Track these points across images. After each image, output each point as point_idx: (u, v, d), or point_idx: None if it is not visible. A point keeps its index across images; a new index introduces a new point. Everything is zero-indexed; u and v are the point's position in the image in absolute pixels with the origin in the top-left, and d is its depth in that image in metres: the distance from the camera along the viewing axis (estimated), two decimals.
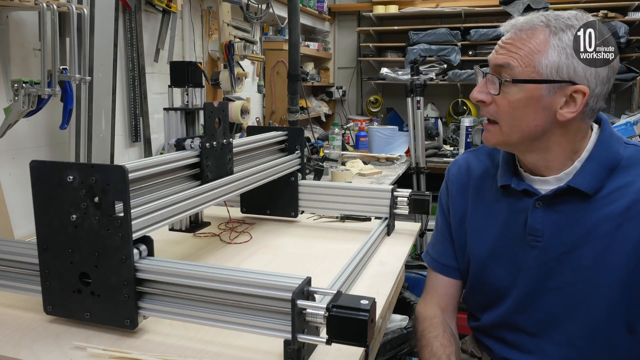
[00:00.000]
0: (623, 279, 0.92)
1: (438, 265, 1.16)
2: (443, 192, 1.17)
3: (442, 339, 1.06)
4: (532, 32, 0.90)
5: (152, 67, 2.15)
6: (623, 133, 2.53)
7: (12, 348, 0.83)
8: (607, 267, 0.93)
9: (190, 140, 1.16)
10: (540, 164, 0.99)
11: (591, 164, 0.94)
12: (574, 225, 0.96)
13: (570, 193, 0.95)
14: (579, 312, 0.96)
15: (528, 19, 0.93)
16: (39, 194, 0.86)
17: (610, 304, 0.93)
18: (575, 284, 0.96)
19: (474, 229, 1.10)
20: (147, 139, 2.11)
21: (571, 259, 0.96)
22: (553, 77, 0.89)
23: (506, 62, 0.92)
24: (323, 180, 2.41)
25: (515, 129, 0.94)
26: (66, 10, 1.43)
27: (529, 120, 0.93)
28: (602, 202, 0.93)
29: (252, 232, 1.49)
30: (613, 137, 0.97)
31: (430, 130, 3.72)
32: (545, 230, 0.98)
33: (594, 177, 0.94)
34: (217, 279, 0.81)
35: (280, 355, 0.80)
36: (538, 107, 0.91)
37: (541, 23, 0.90)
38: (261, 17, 2.82)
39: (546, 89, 0.90)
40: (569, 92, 0.89)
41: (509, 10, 3.76)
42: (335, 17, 4.64)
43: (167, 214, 0.99)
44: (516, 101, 0.92)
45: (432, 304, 1.14)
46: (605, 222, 0.93)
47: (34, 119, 1.50)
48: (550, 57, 0.88)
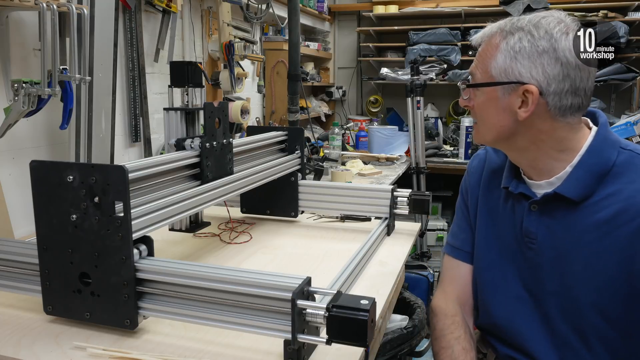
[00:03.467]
0: (612, 286, 0.92)
1: (461, 254, 1.15)
2: (464, 182, 1.20)
3: (464, 342, 1.04)
4: (490, 38, 0.96)
5: (152, 67, 2.15)
6: (623, 133, 2.52)
7: (12, 348, 0.83)
8: (596, 274, 0.93)
9: (190, 140, 1.16)
10: (524, 165, 1.01)
11: (579, 171, 0.94)
12: (565, 230, 0.96)
13: (559, 199, 0.95)
14: (574, 315, 0.96)
15: (494, 25, 0.97)
16: (39, 194, 0.86)
17: (602, 310, 0.93)
18: (567, 289, 0.96)
19: (479, 222, 1.11)
20: (147, 139, 2.11)
21: (563, 264, 0.96)
22: (502, 79, 0.93)
23: (471, 70, 0.99)
24: (323, 180, 2.41)
25: (487, 128, 1.00)
26: (66, 10, 1.43)
27: (494, 121, 0.97)
28: (591, 210, 0.93)
29: (252, 232, 1.49)
30: (607, 141, 0.95)
31: (430, 130, 3.72)
32: (538, 234, 0.99)
33: (580, 184, 0.93)
34: (217, 279, 0.81)
35: (280, 355, 0.80)
36: (499, 108, 0.95)
37: (498, 28, 0.95)
38: (261, 17, 2.82)
39: (500, 90, 0.94)
40: (520, 92, 0.92)
41: (509, 10, 3.76)
42: (335, 17, 4.64)
43: (167, 214, 0.99)
44: (480, 104, 0.98)
45: (452, 298, 1.13)
46: (593, 230, 0.93)
47: (34, 119, 1.50)
48: (498, 60, 0.93)
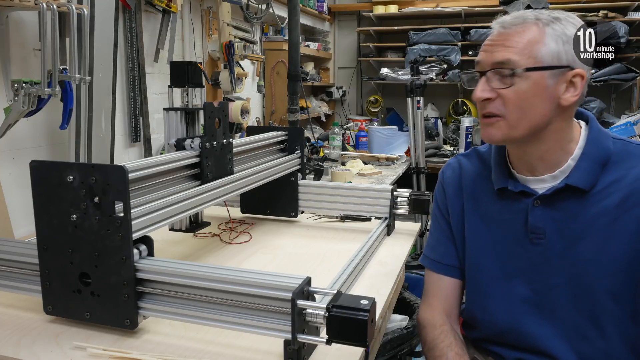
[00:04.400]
0: (624, 270, 0.94)
1: (441, 267, 1.14)
2: (439, 194, 1.17)
3: (456, 347, 1.04)
4: (525, 26, 0.94)
5: (152, 67, 2.15)
6: (623, 133, 2.53)
7: (12, 348, 0.84)
8: (608, 259, 0.95)
9: (190, 140, 1.16)
10: (535, 158, 1.00)
11: (585, 161, 0.97)
12: (573, 221, 0.98)
13: (568, 191, 0.97)
14: (586, 303, 0.97)
15: (515, 15, 0.96)
16: (39, 194, 0.86)
17: (615, 295, 0.95)
18: (578, 277, 0.97)
19: (470, 233, 1.10)
20: (147, 139, 2.11)
21: (573, 254, 0.98)
22: (555, 63, 0.92)
23: (506, 58, 0.94)
24: (323, 180, 2.41)
25: (523, 120, 0.95)
26: (66, 10, 1.43)
27: (536, 110, 0.95)
28: (598, 197, 0.96)
29: (252, 232, 1.48)
30: (602, 133, 1.00)
31: (430, 130, 3.72)
32: (546, 228, 1.00)
33: (589, 173, 0.97)
34: (217, 279, 0.81)
35: (280, 355, 0.80)
36: (545, 96, 0.94)
37: (531, 17, 0.94)
38: (261, 17, 2.82)
39: (550, 76, 0.93)
40: (569, 77, 0.93)
41: (508, 10, 3.76)
42: (335, 17, 4.64)
43: (167, 214, 0.99)
44: (524, 92, 0.94)
45: (437, 310, 1.12)
46: (602, 216, 0.95)
47: (34, 119, 1.50)
48: (549, 45, 0.92)
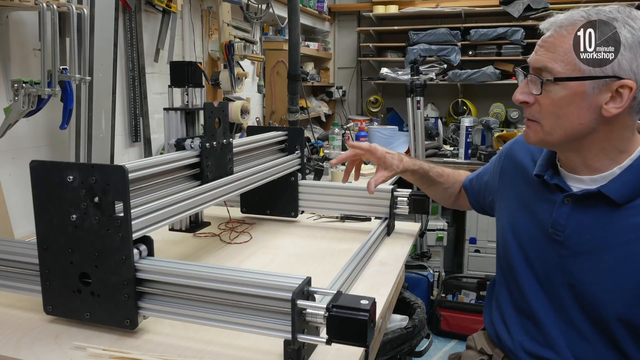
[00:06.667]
0: (635, 290, 0.91)
1: (467, 181, 1.33)
2: (500, 159, 1.21)
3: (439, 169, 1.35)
4: (573, 29, 0.87)
5: (152, 67, 2.14)
6: None
7: (12, 348, 0.84)
8: (622, 275, 0.91)
9: (190, 140, 1.16)
10: (578, 163, 0.97)
11: (630, 174, 0.91)
12: (599, 228, 0.94)
13: (601, 198, 0.93)
14: (589, 309, 0.96)
15: (568, 15, 0.89)
16: (39, 194, 0.86)
17: (619, 311, 0.92)
18: (588, 284, 0.95)
19: (506, 208, 1.13)
20: (147, 139, 2.11)
21: (589, 260, 0.95)
22: (597, 73, 0.86)
23: (544, 64, 0.90)
24: (323, 180, 2.41)
25: (558, 127, 0.92)
26: (66, 10, 1.43)
27: (573, 119, 0.90)
28: (631, 212, 0.91)
29: (252, 232, 1.48)
30: None
31: (430, 130, 3.71)
32: (567, 227, 0.97)
33: (629, 188, 0.91)
34: (217, 279, 0.81)
35: (280, 355, 0.80)
36: (583, 105, 0.88)
37: (581, 18, 0.87)
38: (261, 17, 2.82)
39: (590, 85, 0.87)
40: (614, 87, 0.86)
41: (509, 10, 3.77)
42: (335, 17, 4.63)
43: (167, 214, 0.99)
44: (559, 99, 0.90)
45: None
46: (630, 232, 0.91)
47: (34, 119, 1.50)
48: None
